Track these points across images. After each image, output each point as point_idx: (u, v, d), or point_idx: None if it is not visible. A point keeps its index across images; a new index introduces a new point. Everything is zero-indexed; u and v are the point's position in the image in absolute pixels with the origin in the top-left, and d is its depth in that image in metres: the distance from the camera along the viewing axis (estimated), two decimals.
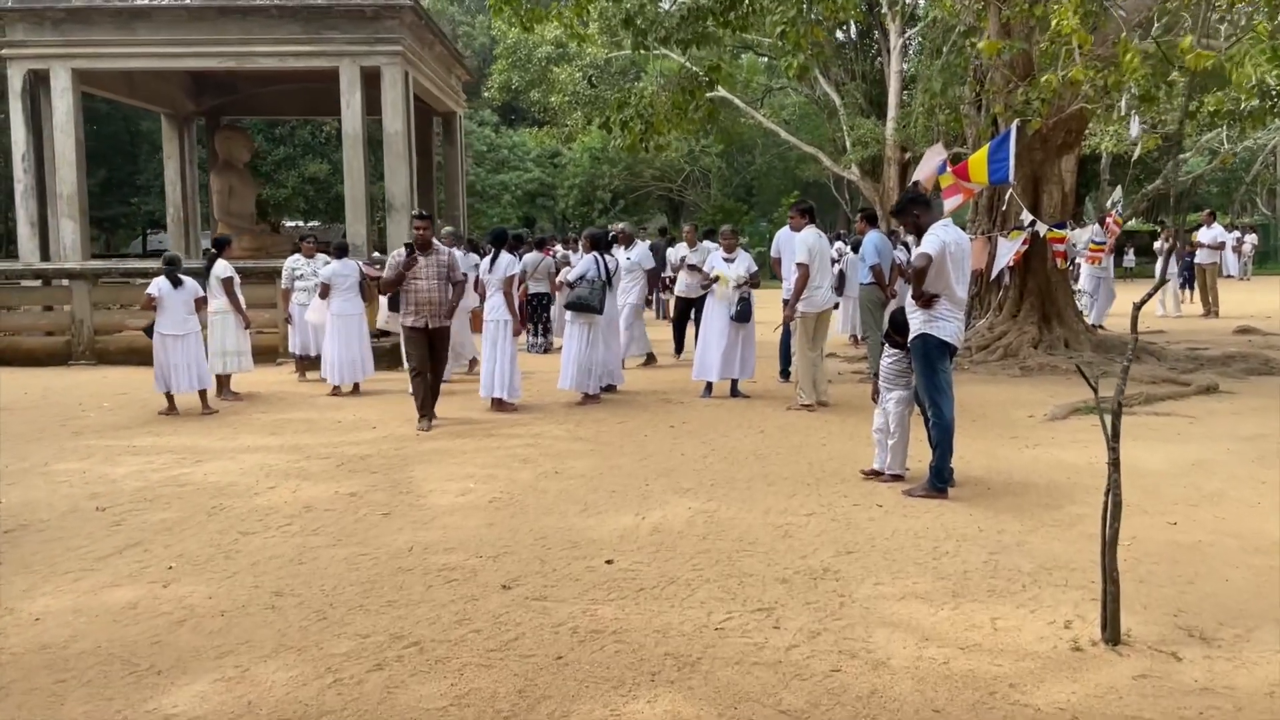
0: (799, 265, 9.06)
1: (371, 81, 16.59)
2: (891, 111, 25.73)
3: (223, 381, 10.26)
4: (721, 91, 29.01)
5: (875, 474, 6.54)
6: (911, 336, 6.13)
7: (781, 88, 35.20)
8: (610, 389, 10.28)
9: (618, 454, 7.47)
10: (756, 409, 9.37)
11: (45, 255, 16.76)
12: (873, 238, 10.83)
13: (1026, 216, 11.85)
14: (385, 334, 12.53)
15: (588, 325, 9.72)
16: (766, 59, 36.49)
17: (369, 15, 16.24)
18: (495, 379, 9.28)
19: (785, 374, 11.00)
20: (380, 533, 5.47)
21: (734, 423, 8.71)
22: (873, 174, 27.24)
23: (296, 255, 11.47)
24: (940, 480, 6.09)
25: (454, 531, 5.47)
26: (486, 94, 34.96)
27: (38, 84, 16.49)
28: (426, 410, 8.63)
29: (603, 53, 28.71)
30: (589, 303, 9.60)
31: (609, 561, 4.92)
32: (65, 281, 15.02)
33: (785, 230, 10.41)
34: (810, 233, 9.28)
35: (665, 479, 6.65)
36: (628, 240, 12.27)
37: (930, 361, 6.05)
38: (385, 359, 12.43)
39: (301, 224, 35.14)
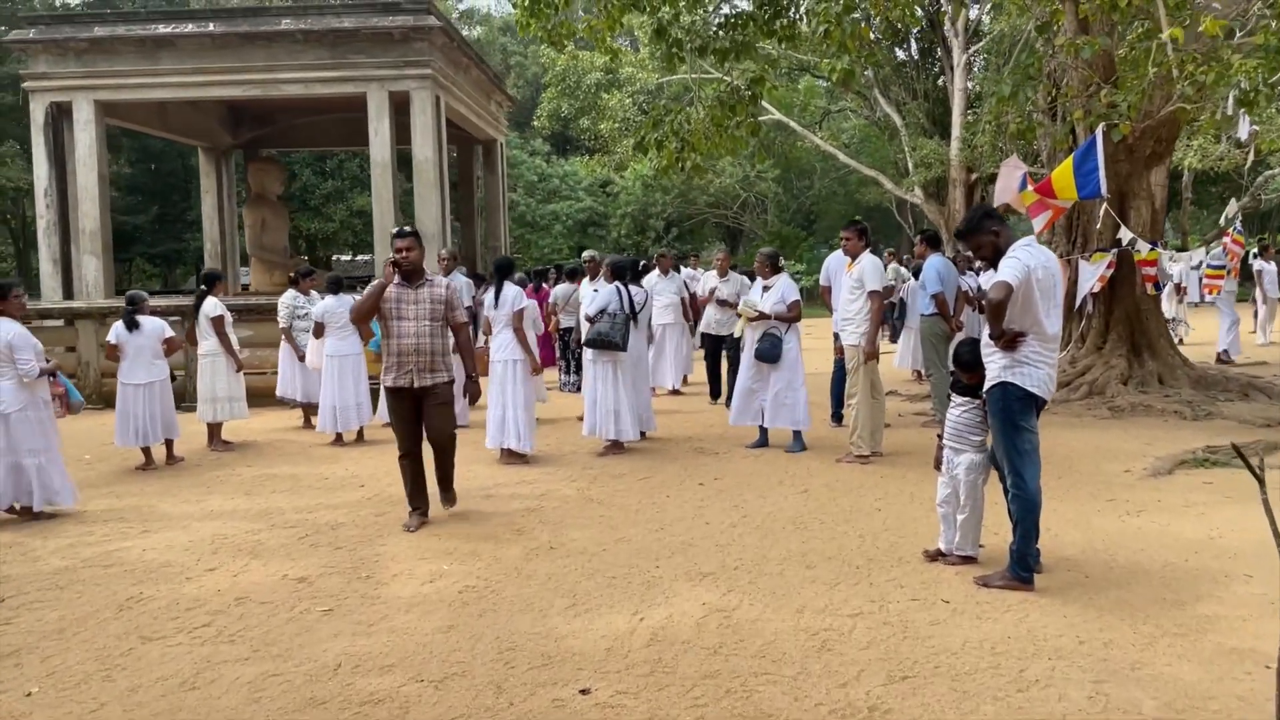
0: (874, 294, 7.88)
1: (403, 108, 15.81)
2: (956, 131, 24.44)
3: (213, 430, 9.34)
4: (771, 110, 27.97)
5: (940, 555, 5.27)
6: (989, 385, 4.87)
7: (840, 110, 34.00)
8: (641, 435, 9.13)
9: (630, 521, 6.30)
10: (802, 461, 8.13)
11: (68, 293, 16.21)
12: (934, 262, 9.56)
13: (1126, 234, 10.45)
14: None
15: (611, 364, 8.61)
16: (825, 81, 35.37)
17: (397, 38, 15.48)
18: (503, 426, 8.20)
19: (837, 417, 9.73)
20: (310, 640, 4.36)
21: (773, 479, 7.48)
22: (937, 196, 25.88)
23: (293, 292, 10.53)
24: (1024, 567, 4.81)
25: (401, 638, 4.35)
26: (536, 123, 34.30)
27: (61, 117, 16.01)
28: (419, 502, 6.36)
29: (654, 77, 27.83)
30: (610, 339, 8.48)
31: (584, 691, 3.75)
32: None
33: (836, 255, 9.20)
34: (871, 258, 8.06)
35: (680, 558, 5.46)
36: (595, 271, 10.88)
37: (1012, 418, 4.78)
38: None
39: (351, 258, 34.74)
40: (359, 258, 33.77)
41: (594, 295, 8.95)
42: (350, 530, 6.25)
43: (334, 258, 35.05)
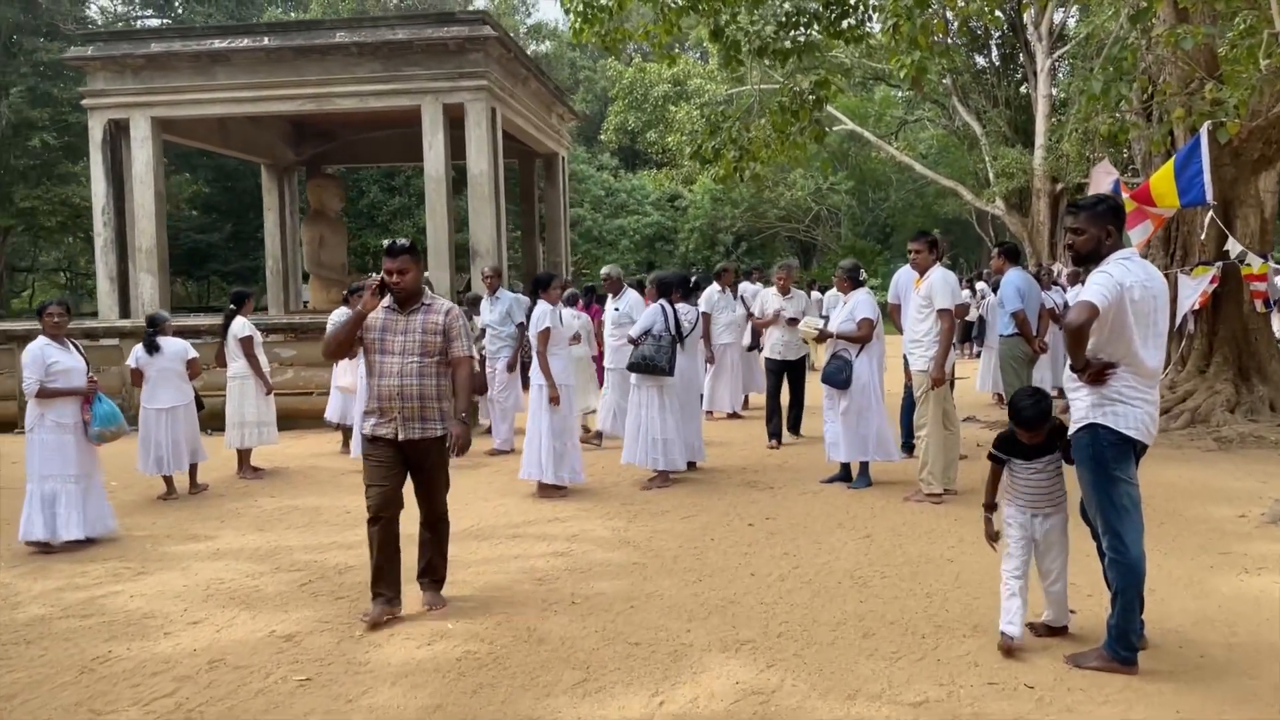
0: (943, 312, 7.07)
1: (459, 122, 15.40)
2: (1039, 139, 23.33)
3: (242, 456, 8.90)
4: (843, 119, 27.06)
5: (1031, 631, 4.44)
6: (1074, 427, 4.06)
7: (917, 120, 32.94)
8: (690, 466, 8.44)
9: (665, 570, 5.61)
10: (865, 500, 7.34)
11: (125, 311, 16.12)
12: (1013, 278, 8.71)
13: (1233, 246, 9.42)
14: None
15: (657, 390, 7.93)
16: (900, 91, 34.31)
17: (451, 49, 15.08)
18: (534, 457, 7.58)
19: (907, 447, 8.90)
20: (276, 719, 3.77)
21: (832, 521, 6.71)
22: (1019, 208, 24.71)
23: (343, 309, 10.09)
24: (1125, 646, 3.99)
25: (380, 718, 3.72)
26: (603, 137, 33.91)
27: (119, 134, 15.95)
28: (386, 585, 4.91)
29: (723, 89, 27.17)
30: (654, 363, 7.81)
31: None
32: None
33: (905, 270, 8.39)
34: (943, 272, 7.26)
35: (716, 619, 4.75)
36: (616, 288, 10.06)
37: (1105, 467, 3.96)
38: None
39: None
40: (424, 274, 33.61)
41: (645, 314, 8.28)
42: (358, 575, 5.66)
43: None
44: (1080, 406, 4.01)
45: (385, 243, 5.07)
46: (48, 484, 6.48)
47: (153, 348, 7.95)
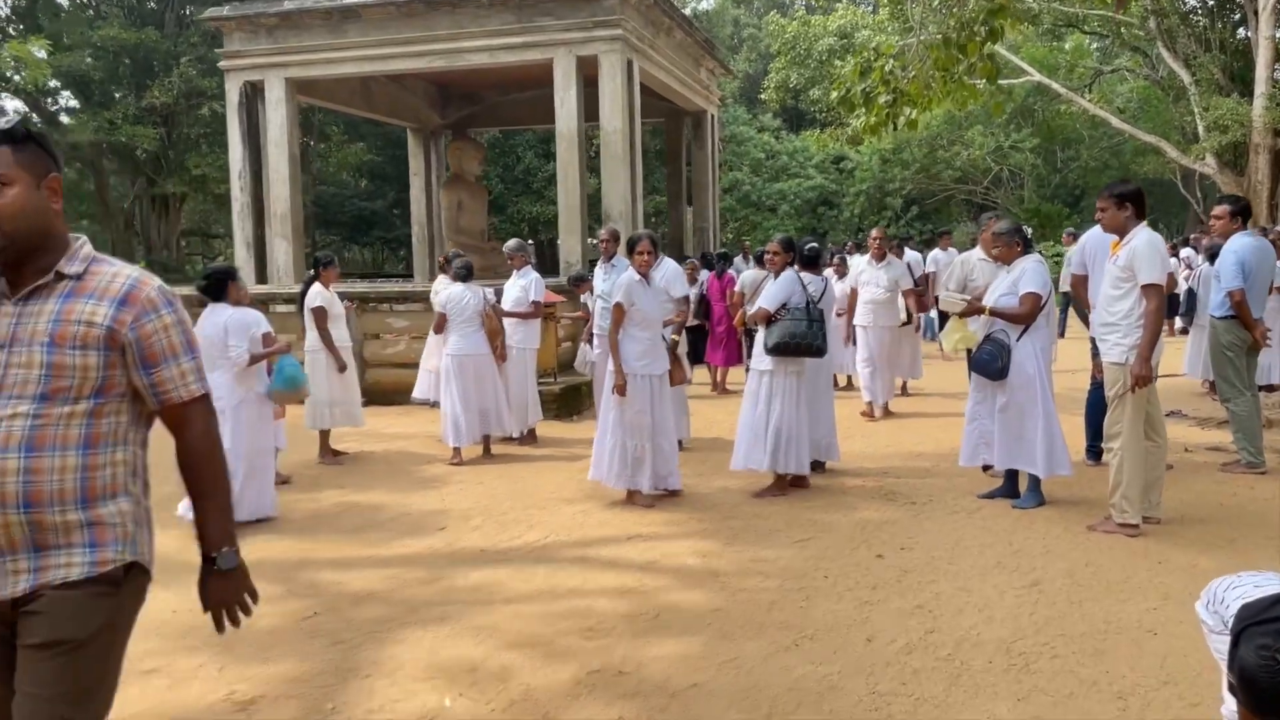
0: (1151, 288, 5.34)
1: (596, 79, 14.27)
2: (1260, 87, 20.39)
3: (322, 439, 8.09)
4: (1028, 70, 24.44)
5: None
6: None
7: (1114, 70, 29.64)
8: (818, 466, 7.04)
9: (753, 624, 4.29)
10: (1036, 525, 5.76)
11: (261, 277, 15.85)
12: (1239, 245, 6.91)
13: None
14: (546, 377, 9.98)
15: (794, 376, 6.55)
16: (1096, 40, 30.98)
17: None
18: (601, 456, 6.42)
19: (1093, 452, 7.19)
20: None
21: (989, 555, 5.20)
22: (1234, 165, 21.69)
23: (442, 277, 9.19)
24: None
25: None
26: (763, 95, 32.16)
27: (255, 96, 15.62)
28: None
29: (893, 42, 25.03)
30: (808, 342, 6.40)
31: None
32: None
33: (1094, 233, 6.69)
34: (1149, 236, 5.53)
35: (805, 715, 3.41)
36: (610, 252, 8.79)
37: None
38: (554, 405, 9.88)
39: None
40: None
41: (769, 286, 6.84)
42: (373, 608, 4.61)
43: (558, 241, 34.48)
44: None
45: None
46: (260, 460, 6.19)
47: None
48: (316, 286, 7.92)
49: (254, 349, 6.16)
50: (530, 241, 33.26)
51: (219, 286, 6.36)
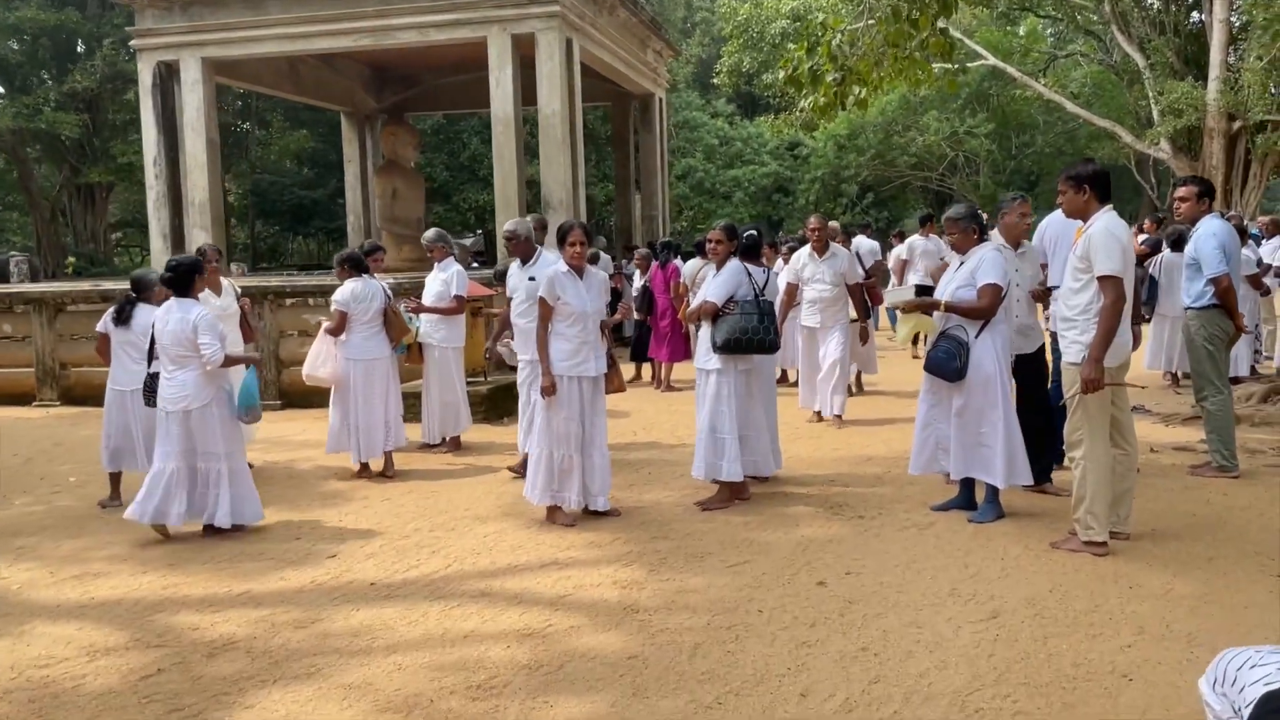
0: (1108, 281, 4.73)
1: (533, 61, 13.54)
2: (1215, 71, 20.16)
3: None
4: (983, 53, 24.08)
5: None
6: None
7: (1069, 55, 29.39)
8: (759, 479, 6.45)
9: (672, 676, 3.67)
10: (995, 542, 5.19)
11: None
12: (1214, 228, 6.40)
13: None
14: (475, 377, 9.29)
15: (746, 374, 5.98)
16: (1050, 24, 30.69)
17: None
18: (531, 469, 5.76)
19: (1055, 458, 6.68)
20: None
21: (943, 581, 4.62)
22: (1188, 150, 21.41)
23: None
24: None
25: None
26: (716, 80, 31.55)
27: (170, 77, 14.71)
28: None
29: (845, 25, 24.52)
30: (760, 337, 5.83)
31: None
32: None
33: (1055, 217, 6.14)
34: (1107, 221, 4.95)
35: None
36: (526, 251, 7.66)
37: None
38: (482, 407, 9.18)
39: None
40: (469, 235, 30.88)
41: (714, 278, 6.21)
42: (229, 662, 3.93)
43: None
44: None
45: None
46: (237, 462, 5.79)
47: (123, 318, 6.46)
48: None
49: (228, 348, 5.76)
50: (479, 231, 32.34)
51: (186, 280, 5.72)
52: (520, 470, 6.67)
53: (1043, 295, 6.18)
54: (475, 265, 17.31)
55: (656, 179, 19.19)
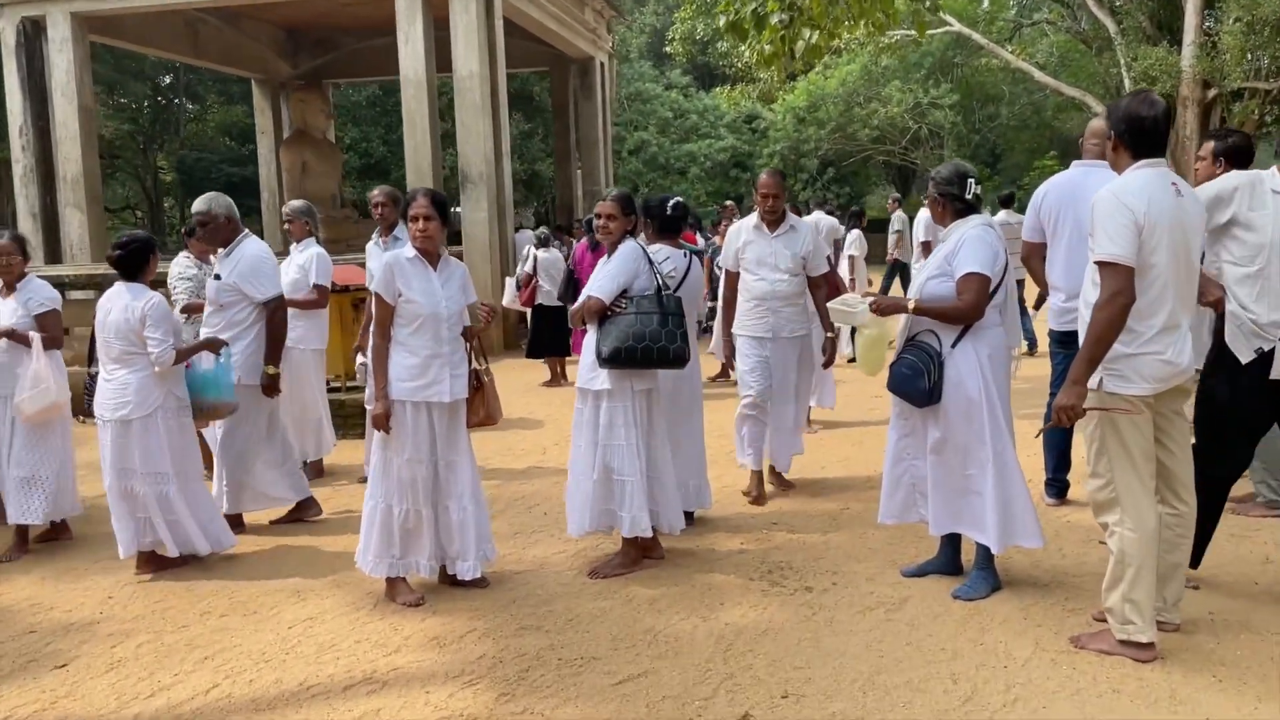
0: (1110, 269, 3.25)
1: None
2: (1189, 35, 19.01)
3: None
4: (949, 20, 22.79)
5: None
6: None
7: (1035, 24, 28.09)
8: (685, 518, 4.92)
9: None
10: (990, 632, 3.76)
11: (54, 254, 13.27)
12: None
13: None
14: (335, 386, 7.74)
15: (644, 397, 4.45)
16: None
17: None
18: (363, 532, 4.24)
19: (1055, 487, 5.27)
20: None
21: (922, 711, 3.17)
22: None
23: (183, 257, 6.88)
24: None
25: None
26: (668, 48, 29.94)
27: (37, 36, 12.92)
28: None
29: None
30: (661, 346, 4.28)
31: None
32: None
33: (1062, 180, 4.71)
34: (1126, 183, 3.46)
35: None
36: (388, 221, 6.23)
37: None
38: (341, 421, 7.52)
39: None
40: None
41: (601, 266, 4.67)
42: None
43: (454, 210, 31.91)
44: None
45: None
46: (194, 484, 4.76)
47: None
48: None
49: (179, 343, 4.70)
50: (347, 210, 30.71)
51: (137, 261, 4.69)
52: None
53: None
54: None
55: (598, 150, 17.63)
